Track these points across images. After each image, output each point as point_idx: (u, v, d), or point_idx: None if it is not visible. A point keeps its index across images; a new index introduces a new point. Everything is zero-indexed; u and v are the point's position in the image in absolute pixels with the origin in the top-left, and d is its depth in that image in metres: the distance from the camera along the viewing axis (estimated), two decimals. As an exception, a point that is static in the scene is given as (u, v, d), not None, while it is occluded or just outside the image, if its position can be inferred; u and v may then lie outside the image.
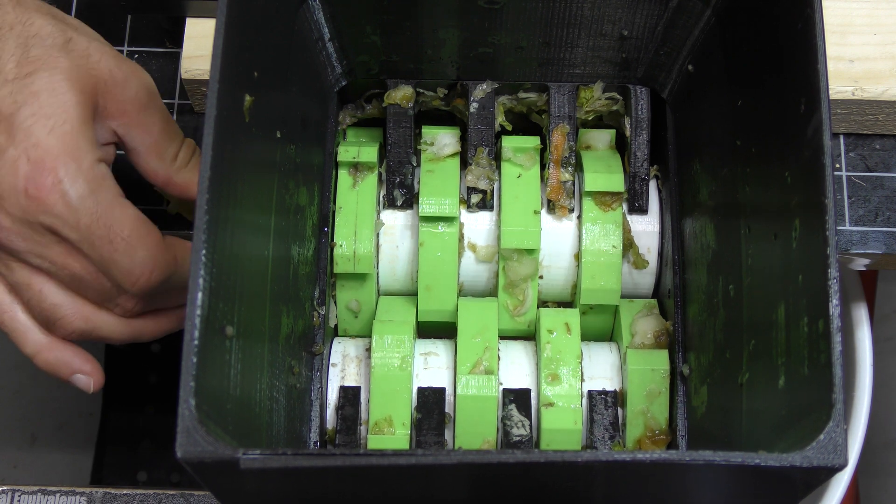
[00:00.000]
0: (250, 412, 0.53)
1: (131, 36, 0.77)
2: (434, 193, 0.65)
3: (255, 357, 0.55)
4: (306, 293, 0.62)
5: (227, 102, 0.50)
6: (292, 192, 0.60)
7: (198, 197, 0.48)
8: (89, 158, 0.59)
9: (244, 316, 0.53)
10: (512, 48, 0.65)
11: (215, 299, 0.49)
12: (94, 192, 0.59)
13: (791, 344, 0.51)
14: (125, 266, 0.60)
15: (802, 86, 0.51)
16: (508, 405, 0.63)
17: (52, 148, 0.58)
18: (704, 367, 0.60)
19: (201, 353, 0.47)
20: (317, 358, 0.63)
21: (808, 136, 0.50)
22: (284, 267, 0.59)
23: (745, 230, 0.57)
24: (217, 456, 0.45)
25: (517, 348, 0.66)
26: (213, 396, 0.48)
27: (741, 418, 0.56)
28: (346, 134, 0.69)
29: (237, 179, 0.52)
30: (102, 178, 0.60)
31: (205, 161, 0.48)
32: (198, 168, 0.63)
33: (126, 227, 0.60)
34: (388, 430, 0.62)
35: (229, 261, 0.51)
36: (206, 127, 0.49)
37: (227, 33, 0.50)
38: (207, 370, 0.48)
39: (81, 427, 1.17)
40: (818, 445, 0.45)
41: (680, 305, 0.64)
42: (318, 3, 0.61)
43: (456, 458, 0.45)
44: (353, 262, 0.65)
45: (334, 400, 0.64)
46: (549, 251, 0.66)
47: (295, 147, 0.61)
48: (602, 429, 0.63)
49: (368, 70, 0.66)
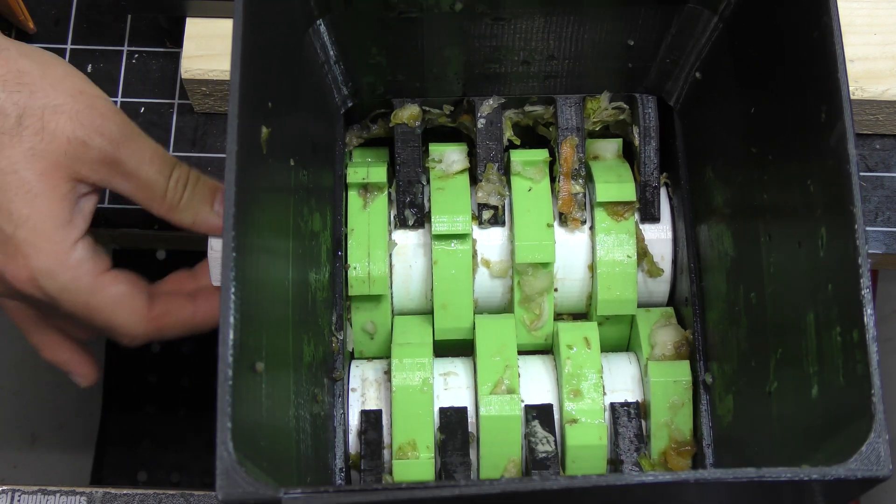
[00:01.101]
0: (281, 445, 0.53)
1: (131, 36, 0.77)
2: (446, 211, 0.65)
3: (282, 389, 0.54)
4: (325, 319, 0.62)
5: (246, 137, 0.50)
6: (307, 219, 0.60)
7: (224, 235, 0.47)
8: (64, 246, 0.60)
9: (270, 349, 0.52)
10: (518, 63, 0.65)
11: (245, 336, 0.48)
12: (73, 281, 0.60)
13: (823, 353, 0.51)
14: (110, 334, 0.63)
15: (823, 94, 0.50)
16: (531, 422, 0.63)
17: (22, 244, 0.59)
18: (729, 375, 0.60)
19: (235, 393, 0.46)
20: (338, 384, 0.63)
21: (831, 144, 0.50)
22: (304, 294, 0.59)
23: (766, 237, 0.57)
24: (259, 496, 0.45)
25: (536, 363, 0.66)
26: (248, 435, 0.47)
27: (770, 426, 0.55)
28: (353, 155, 0.69)
29: (258, 212, 0.52)
30: (79, 263, 0.60)
31: (228, 198, 0.48)
32: (196, 198, 0.63)
33: (107, 308, 0.62)
34: (412, 453, 0.62)
35: (255, 294, 0.50)
36: (228, 163, 0.48)
37: (243, 67, 0.49)
38: (242, 409, 0.47)
39: (81, 427, 1.18)
40: (861, 457, 0.45)
41: (699, 314, 0.63)
42: (323, 27, 0.61)
43: (500, 488, 0.45)
44: (368, 284, 0.64)
45: (356, 425, 0.63)
46: (562, 263, 0.66)
47: (307, 173, 0.60)
48: (627, 441, 0.62)
49: (374, 90, 0.66)
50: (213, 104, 0.73)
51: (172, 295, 0.66)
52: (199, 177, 0.64)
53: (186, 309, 0.66)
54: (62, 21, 0.77)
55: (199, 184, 0.64)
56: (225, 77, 0.70)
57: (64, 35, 0.76)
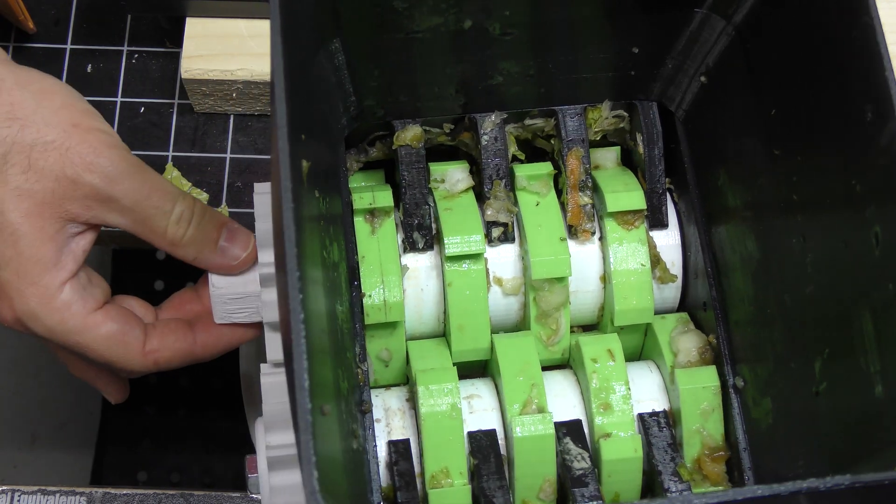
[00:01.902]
0: (346, 486, 0.51)
1: (131, 36, 0.76)
2: (457, 231, 0.64)
3: (336, 427, 0.53)
4: (351, 351, 0.61)
5: (296, 173, 0.48)
6: (329, 249, 0.58)
7: (288, 277, 0.45)
8: (49, 289, 0.58)
9: (324, 389, 0.51)
10: (521, 76, 0.64)
11: (315, 376, 0.47)
12: (59, 323, 0.59)
13: (885, 352, 0.51)
14: (106, 367, 0.63)
15: (867, 93, 0.51)
16: (563, 439, 0.62)
17: (6, 286, 0.58)
18: (763, 378, 0.60)
19: (315, 436, 0.45)
20: (367, 416, 0.61)
21: (882, 144, 0.50)
22: (334, 325, 0.57)
23: (799, 238, 0.57)
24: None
25: (558, 378, 0.65)
26: (328, 480, 0.46)
27: (819, 427, 0.55)
28: (349, 180, 0.67)
29: (305, 246, 0.50)
30: (66, 306, 0.59)
31: (289, 240, 0.46)
32: (200, 235, 0.62)
33: (98, 347, 0.61)
34: (445, 481, 0.61)
35: (313, 331, 0.49)
36: (285, 202, 0.46)
37: (290, 103, 0.47)
38: (320, 451, 0.45)
39: (81, 427, 1.17)
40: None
41: (721, 318, 0.63)
42: (339, 46, 0.59)
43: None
44: (385, 312, 0.63)
45: (384, 456, 0.62)
46: (575, 276, 0.65)
47: (325, 202, 0.58)
48: (662, 451, 0.62)
49: (374, 113, 0.64)
50: (213, 104, 0.73)
51: (171, 325, 0.64)
52: (206, 211, 0.62)
53: (185, 340, 0.64)
54: (62, 21, 0.76)
55: (205, 220, 0.62)
56: (225, 77, 0.70)
57: (64, 35, 0.75)
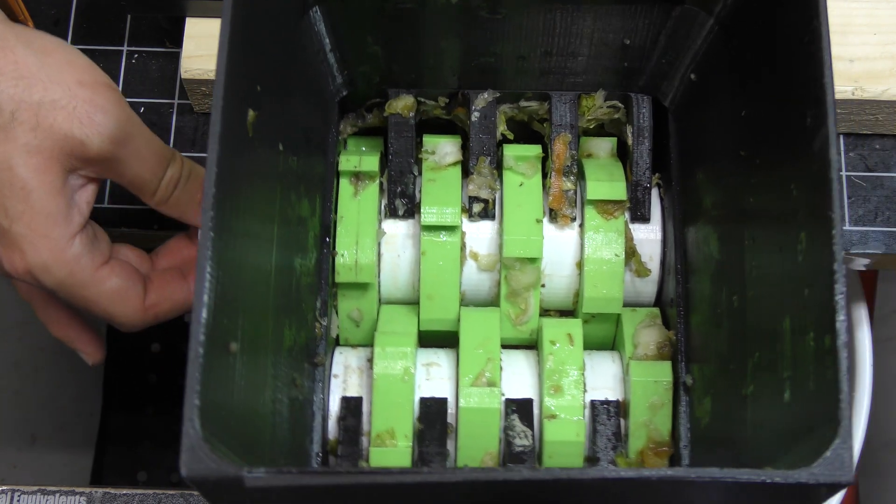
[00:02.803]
0: (254, 427, 0.53)
1: (131, 36, 0.76)
2: (436, 202, 0.65)
3: (259, 371, 0.54)
4: (308, 304, 0.62)
5: (231, 119, 0.50)
6: (294, 204, 0.60)
7: (202, 215, 0.48)
8: (61, 242, 0.60)
9: (248, 330, 0.53)
10: (513, 58, 0.65)
11: (220, 316, 0.49)
12: (69, 276, 0.61)
13: (797, 357, 0.51)
14: (108, 322, 0.65)
15: (809, 99, 0.50)
16: (510, 416, 0.63)
17: (19, 239, 0.59)
18: (708, 377, 0.60)
19: (206, 371, 0.47)
20: (319, 369, 0.63)
21: (814, 149, 0.50)
22: (287, 279, 0.59)
23: (750, 241, 0.57)
24: (221, 474, 0.45)
25: (519, 357, 0.66)
26: (217, 413, 0.48)
27: (745, 430, 0.55)
28: (347, 143, 0.69)
29: (240, 194, 0.52)
30: (76, 259, 0.61)
31: (209, 178, 0.48)
32: (185, 195, 0.64)
33: (103, 301, 0.63)
34: (389, 441, 0.62)
35: (233, 276, 0.51)
36: (211, 143, 0.48)
37: (230, 49, 0.49)
38: (212, 387, 0.47)
39: (81, 427, 1.18)
40: (824, 462, 0.45)
41: (683, 315, 0.63)
42: (319, 15, 0.61)
43: (461, 476, 0.45)
44: (355, 272, 0.64)
45: (336, 411, 0.63)
46: (550, 260, 0.66)
47: (297, 158, 0.60)
48: (605, 439, 0.62)
49: (369, 80, 0.66)
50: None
51: (168, 277, 0.67)
52: (192, 171, 0.65)
53: (181, 291, 0.66)
54: (62, 21, 0.77)
55: (191, 180, 0.65)
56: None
57: (64, 35, 0.76)
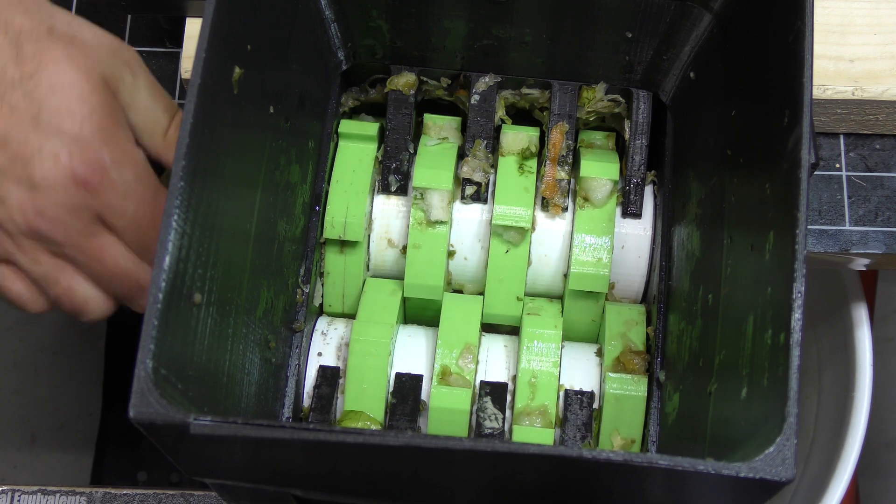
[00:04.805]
0: (217, 381, 0.54)
1: (131, 36, 0.77)
2: (428, 172, 0.65)
3: (227, 327, 0.55)
4: (291, 270, 0.63)
5: (212, 71, 0.51)
6: (283, 169, 0.61)
7: (174, 163, 0.48)
8: (128, 144, 0.60)
9: (218, 285, 0.53)
10: (517, 42, 0.65)
11: (185, 265, 0.49)
12: (139, 179, 0.59)
13: (755, 355, 0.51)
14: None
15: (788, 98, 0.50)
16: (483, 398, 0.63)
17: (90, 139, 0.58)
18: (679, 374, 0.60)
19: (163, 317, 0.47)
20: (297, 335, 0.63)
21: (787, 148, 0.50)
22: (269, 242, 0.60)
23: (728, 240, 0.57)
24: (168, 419, 0.46)
25: (498, 342, 0.66)
26: (174, 361, 0.48)
27: (707, 427, 0.55)
28: (348, 116, 0.70)
29: (221, 150, 0.53)
30: (144, 162, 0.60)
31: (184, 127, 0.49)
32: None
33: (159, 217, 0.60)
34: (361, 413, 0.62)
35: (206, 229, 0.51)
36: (189, 94, 0.49)
37: (218, 5, 0.50)
38: (170, 334, 0.48)
39: (81, 427, 1.18)
40: (766, 458, 0.45)
41: (662, 312, 0.63)
42: (320, -15, 0.62)
43: (403, 441, 0.45)
44: (343, 229, 0.64)
45: (312, 378, 0.64)
46: (540, 248, 0.66)
47: (290, 124, 0.61)
48: (574, 429, 0.62)
49: (373, 54, 0.66)
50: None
51: None
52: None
53: None
54: None
55: None
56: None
57: None
